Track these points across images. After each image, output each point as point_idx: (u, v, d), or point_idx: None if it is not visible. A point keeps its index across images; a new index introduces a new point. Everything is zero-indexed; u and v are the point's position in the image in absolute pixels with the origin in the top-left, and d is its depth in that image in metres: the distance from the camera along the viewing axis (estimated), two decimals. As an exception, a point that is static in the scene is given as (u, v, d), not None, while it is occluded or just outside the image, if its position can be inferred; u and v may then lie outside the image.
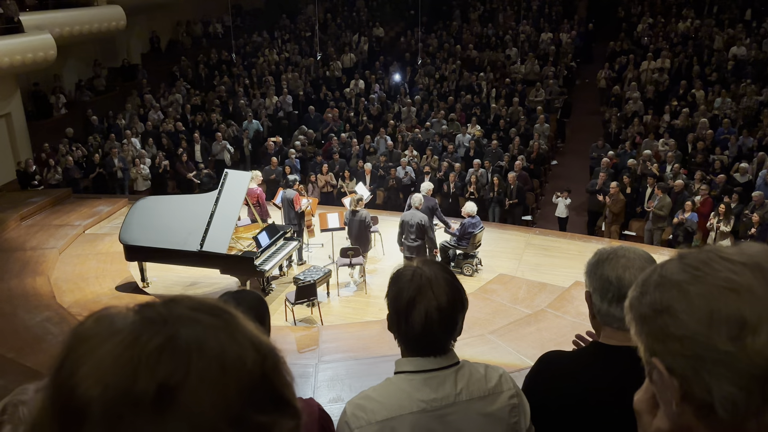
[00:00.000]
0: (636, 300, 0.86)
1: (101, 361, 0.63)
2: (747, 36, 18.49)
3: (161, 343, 0.64)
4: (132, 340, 0.64)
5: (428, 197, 10.00)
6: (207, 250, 9.04)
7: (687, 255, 0.84)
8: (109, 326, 0.67)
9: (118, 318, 0.68)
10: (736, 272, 0.77)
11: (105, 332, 0.66)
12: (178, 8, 21.43)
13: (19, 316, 8.55)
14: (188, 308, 0.69)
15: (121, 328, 0.66)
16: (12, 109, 14.95)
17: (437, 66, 19.61)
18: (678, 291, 0.79)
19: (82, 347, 0.66)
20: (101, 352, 0.64)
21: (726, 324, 0.75)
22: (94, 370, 0.63)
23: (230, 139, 15.62)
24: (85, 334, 0.67)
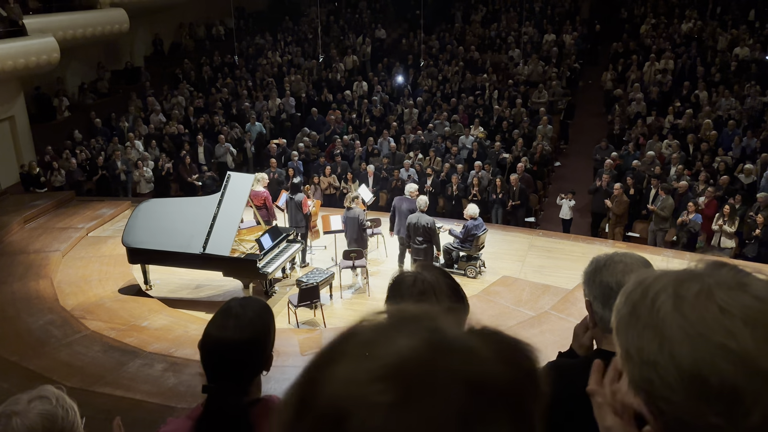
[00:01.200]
0: (622, 324, 0.79)
1: (351, 378, 0.61)
2: (750, 37, 18.44)
3: (388, 401, 0.58)
4: (382, 377, 0.59)
5: (411, 199, 9.98)
6: (210, 253, 9.04)
7: (683, 293, 0.75)
8: (388, 343, 0.63)
9: (404, 338, 0.63)
10: (734, 334, 0.69)
11: (381, 347, 0.62)
12: (180, 11, 21.47)
13: (22, 319, 8.56)
14: (457, 370, 0.60)
15: (390, 352, 0.61)
16: (15, 112, 14.99)
17: (440, 68, 19.60)
18: (668, 349, 0.72)
19: (348, 357, 0.63)
20: (359, 368, 0.61)
21: (718, 397, 0.69)
22: (340, 382, 0.61)
23: (233, 141, 15.62)
24: (365, 338, 0.64)
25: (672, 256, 10.32)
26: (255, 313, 1.77)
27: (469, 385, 0.60)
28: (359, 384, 0.60)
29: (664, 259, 10.00)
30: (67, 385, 1.84)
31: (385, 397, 0.58)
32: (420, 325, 0.65)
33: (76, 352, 7.72)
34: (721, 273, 0.77)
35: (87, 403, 1.85)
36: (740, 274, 0.76)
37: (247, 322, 1.74)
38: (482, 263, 10.36)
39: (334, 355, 0.64)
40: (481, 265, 10.31)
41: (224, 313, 1.78)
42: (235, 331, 1.72)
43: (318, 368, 0.64)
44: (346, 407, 0.59)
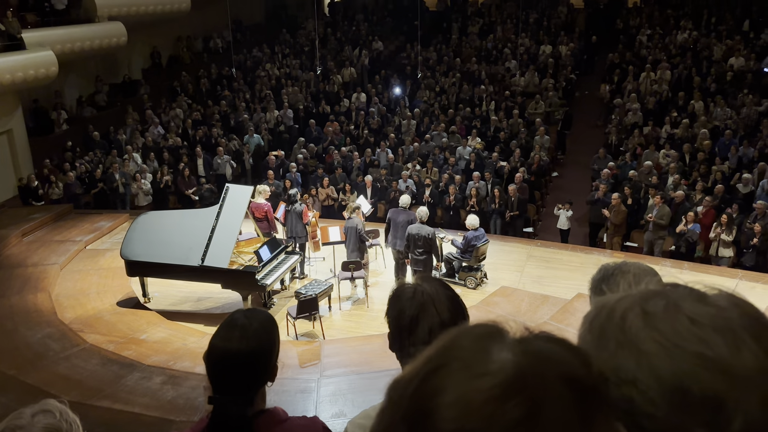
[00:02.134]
0: (591, 349, 0.78)
1: (469, 398, 0.61)
2: (745, 47, 18.56)
3: (520, 417, 0.60)
4: (501, 396, 0.61)
5: (408, 211, 10.01)
6: (208, 265, 9.03)
7: (651, 310, 0.75)
8: (485, 357, 0.65)
9: (497, 345, 0.66)
10: (707, 343, 0.70)
11: (479, 364, 0.64)
12: (178, 24, 21.55)
13: (20, 332, 8.53)
14: (560, 377, 0.64)
15: (495, 367, 0.63)
16: (13, 126, 15.01)
17: (437, 79, 19.69)
18: (646, 364, 0.72)
19: (457, 369, 0.64)
20: (471, 387, 0.62)
21: (701, 407, 0.69)
22: (457, 406, 0.62)
23: (231, 153, 15.65)
24: (461, 355, 0.66)
25: (671, 266, 10.34)
26: (260, 325, 1.79)
27: (572, 387, 0.63)
28: (482, 404, 0.61)
29: (662, 269, 10.02)
30: (66, 399, 1.84)
31: (516, 413, 0.60)
32: (502, 336, 0.68)
33: (74, 365, 7.69)
34: (680, 289, 0.78)
35: (85, 417, 1.85)
36: (696, 290, 0.78)
37: (252, 333, 1.75)
38: (484, 275, 10.34)
39: (436, 376, 0.65)
40: (482, 276, 10.30)
41: (229, 325, 1.79)
42: (241, 343, 1.73)
43: (424, 394, 0.64)
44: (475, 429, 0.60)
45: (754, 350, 0.70)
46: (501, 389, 0.61)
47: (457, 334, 0.70)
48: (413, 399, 0.65)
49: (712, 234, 10.86)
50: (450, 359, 0.66)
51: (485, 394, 0.61)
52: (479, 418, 0.60)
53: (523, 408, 0.60)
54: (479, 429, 0.60)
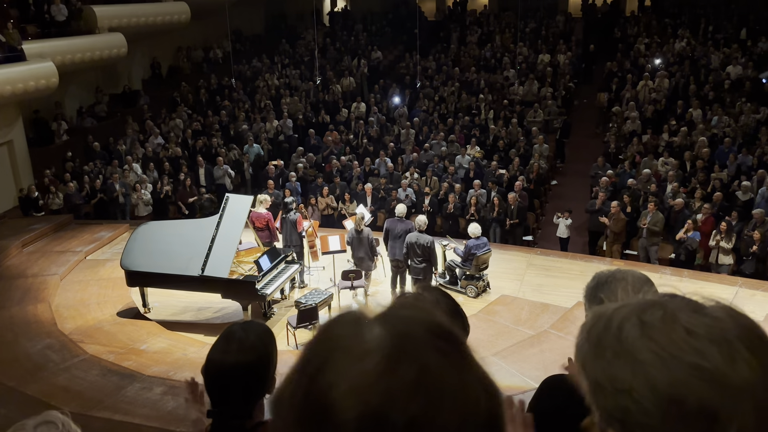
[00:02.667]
0: (588, 357, 0.79)
1: (360, 382, 0.65)
2: (742, 55, 18.64)
3: (416, 377, 0.65)
4: (389, 367, 0.65)
5: (405, 220, 10.01)
6: (208, 275, 9.03)
7: (648, 320, 0.76)
8: (360, 340, 0.68)
9: (365, 328, 0.70)
10: (703, 354, 0.71)
11: (358, 347, 0.68)
12: (178, 35, 21.64)
13: (20, 343, 8.52)
14: (429, 331, 0.70)
15: (373, 346, 0.67)
16: (14, 136, 15.04)
17: (436, 88, 19.76)
18: (642, 374, 0.73)
19: (338, 359, 0.67)
20: (359, 372, 0.65)
21: (696, 418, 0.69)
22: (354, 391, 0.64)
23: (231, 163, 15.68)
24: (339, 343, 0.69)
25: (671, 274, 10.34)
26: (257, 337, 1.79)
27: (439, 335, 0.70)
28: (376, 381, 0.65)
29: (662, 277, 10.02)
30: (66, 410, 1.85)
31: (410, 376, 0.65)
32: (365, 317, 0.72)
33: (74, 376, 7.68)
34: (677, 300, 0.79)
35: (86, 428, 1.86)
36: (693, 300, 0.79)
37: (250, 345, 1.76)
38: (486, 284, 10.30)
39: (322, 373, 0.68)
40: (484, 285, 10.26)
41: (226, 338, 1.79)
42: (238, 355, 1.74)
43: (316, 395, 0.67)
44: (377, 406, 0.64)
45: (749, 361, 0.71)
46: (387, 361, 0.65)
47: (325, 330, 0.73)
48: (306, 403, 0.67)
49: (712, 242, 10.87)
50: (329, 354, 0.68)
51: (374, 371, 0.65)
52: (378, 395, 0.64)
53: (413, 369, 0.65)
54: (381, 404, 0.63)
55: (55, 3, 16.34)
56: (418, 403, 0.63)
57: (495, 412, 0.69)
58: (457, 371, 0.67)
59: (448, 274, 10.55)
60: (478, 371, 0.71)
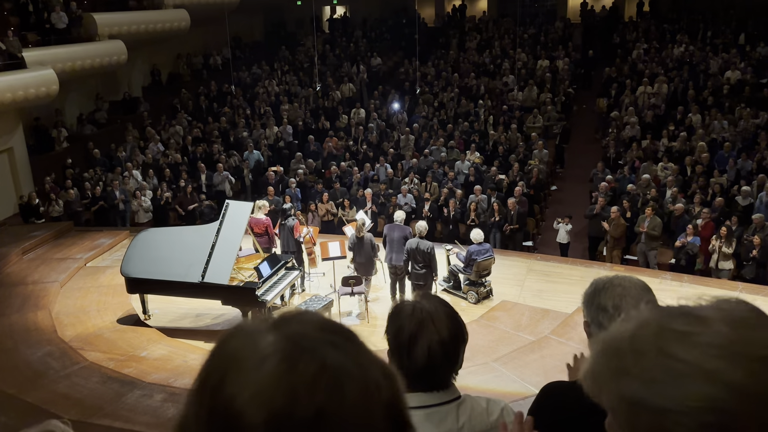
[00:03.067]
0: (609, 376, 0.79)
1: (262, 387, 0.67)
2: (741, 60, 18.68)
3: (316, 370, 0.67)
4: (288, 367, 0.68)
5: (403, 226, 10.04)
6: (208, 282, 9.03)
7: (670, 339, 0.76)
8: (255, 347, 0.70)
9: (259, 336, 0.72)
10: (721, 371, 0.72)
11: (254, 354, 0.70)
12: (178, 42, 21.70)
13: (20, 351, 8.51)
14: (322, 330, 0.73)
15: (269, 351, 0.69)
16: (14, 144, 15.07)
17: (435, 94, 19.80)
18: (673, 389, 0.73)
19: (237, 369, 0.69)
20: (259, 377, 0.67)
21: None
22: (258, 395, 0.66)
23: (231, 169, 15.70)
24: (235, 354, 0.71)
25: (671, 279, 10.34)
26: None
27: (327, 329, 0.74)
28: (278, 383, 0.67)
29: (663, 282, 10.02)
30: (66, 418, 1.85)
31: (311, 370, 0.68)
32: (256, 328, 0.75)
33: (74, 383, 7.67)
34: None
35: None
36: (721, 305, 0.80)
37: None
38: (488, 290, 10.25)
39: (222, 388, 0.70)
40: (486, 291, 10.20)
41: None
42: None
43: (221, 408, 0.69)
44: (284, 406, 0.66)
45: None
46: (285, 362, 0.68)
47: (219, 346, 0.74)
48: (213, 420, 0.68)
49: (712, 246, 10.87)
50: (227, 367, 0.70)
51: (274, 373, 0.67)
52: (283, 395, 0.66)
53: (312, 364, 0.68)
54: (287, 404, 0.65)
55: (56, 11, 16.39)
56: (322, 395, 0.66)
57: (395, 393, 0.73)
58: (353, 360, 0.70)
59: (451, 278, 10.54)
60: (374, 358, 0.74)
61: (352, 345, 0.73)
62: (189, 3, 20.23)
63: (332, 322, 0.76)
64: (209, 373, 0.72)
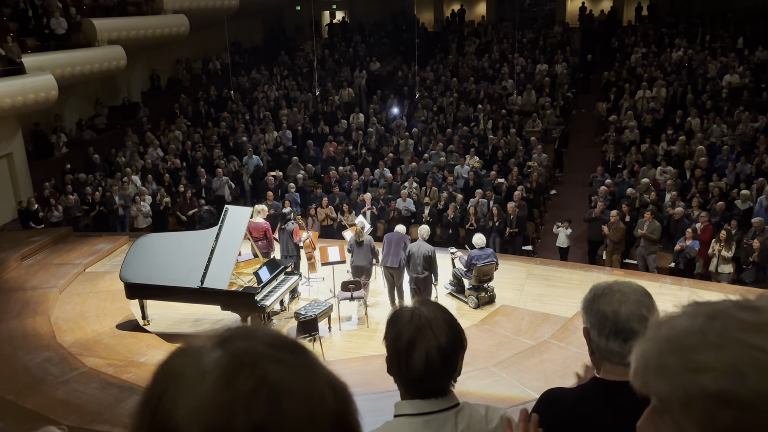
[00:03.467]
0: (685, 372, 0.77)
1: (199, 402, 0.66)
2: (740, 64, 18.71)
3: (254, 386, 0.67)
4: (227, 382, 0.67)
5: (401, 233, 10.07)
6: (208, 287, 9.02)
7: (753, 331, 0.76)
8: (198, 364, 0.70)
9: (204, 353, 0.72)
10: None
11: (196, 370, 0.69)
12: (177, 47, 21.72)
13: (19, 357, 8.49)
14: (268, 345, 0.72)
15: (210, 366, 0.69)
16: (13, 149, 15.05)
17: (434, 99, 19.82)
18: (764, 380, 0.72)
19: (177, 386, 0.69)
20: (197, 393, 0.67)
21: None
22: (194, 411, 0.66)
23: (230, 174, 15.70)
24: (177, 372, 0.71)
25: (671, 283, 10.33)
26: None
27: (276, 345, 0.74)
28: (216, 396, 0.67)
29: (662, 286, 10.01)
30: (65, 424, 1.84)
31: (249, 385, 0.68)
32: (200, 345, 0.75)
33: (73, 389, 7.65)
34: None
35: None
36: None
37: None
38: (490, 296, 10.17)
39: (160, 404, 0.70)
40: (487, 297, 10.12)
41: None
42: None
43: (160, 424, 0.69)
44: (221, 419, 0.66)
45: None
46: (225, 376, 0.68)
47: (162, 364, 0.74)
48: (153, 426, 0.69)
49: (711, 250, 10.87)
50: (168, 384, 0.70)
51: (214, 387, 0.67)
52: (219, 408, 0.66)
53: (251, 379, 0.67)
54: (224, 420, 0.65)
55: (55, 16, 16.40)
56: (260, 411, 0.66)
57: (345, 408, 0.73)
58: (298, 375, 0.70)
59: (456, 282, 10.52)
60: (323, 372, 0.74)
61: (297, 359, 0.72)
62: (188, 8, 20.26)
63: (282, 337, 0.75)
64: (151, 390, 0.72)
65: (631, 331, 1.68)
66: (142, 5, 19.50)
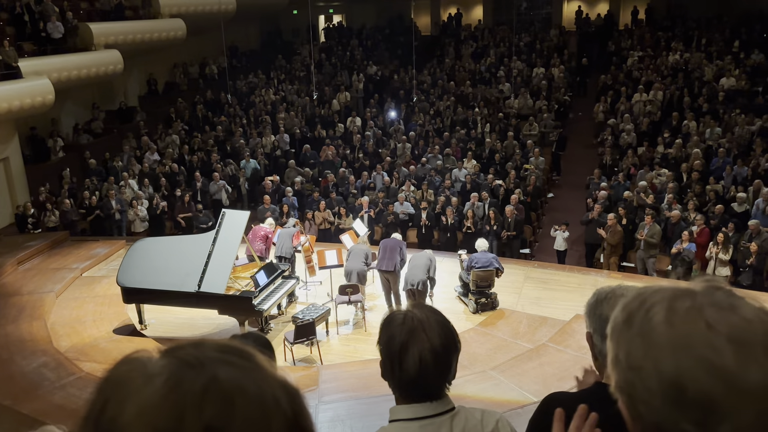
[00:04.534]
0: (616, 330, 0.85)
1: (146, 404, 0.65)
2: (736, 67, 18.77)
3: (204, 385, 0.66)
4: (175, 383, 0.66)
5: (397, 240, 10.04)
6: (205, 291, 8.99)
7: (675, 307, 0.80)
8: (143, 369, 0.69)
9: (150, 361, 0.70)
10: (716, 350, 0.74)
11: (141, 376, 0.68)
12: (174, 51, 21.73)
13: (15, 362, 8.45)
14: (217, 351, 0.71)
15: (157, 371, 0.68)
16: (10, 154, 15.03)
17: (432, 102, 19.84)
18: (653, 356, 0.77)
19: (121, 391, 0.67)
20: (144, 395, 0.66)
21: (693, 406, 0.73)
22: (141, 414, 0.64)
23: (228, 178, 15.69)
24: (121, 378, 0.69)
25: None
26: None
27: (224, 350, 0.73)
28: (163, 398, 0.66)
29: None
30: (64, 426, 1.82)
31: (197, 385, 0.67)
32: (146, 355, 0.74)
33: (70, 394, 7.62)
34: (715, 295, 0.81)
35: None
36: (733, 297, 0.81)
37: None
38: (491, 301, 10.00)
39: (105, 411, 0.68)
40: (484, 302, 9.95)
41: None
42: None
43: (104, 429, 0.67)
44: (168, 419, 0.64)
45: (765, 367, 0.73)
46: (173, 378, 0.66)
47: (107, 373, 0.73)
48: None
49: (709, 253, 10.88)
50: (112, 391, 0.69)
51: (159, 391, 0.65)
52: (166, 412, 0.64)
53: (199, 380, 0.66)
54: (173, 422, 0.64)
55: (52, 21, 16.40)
56: (211, 411, 0.64)
57: (299, 411, 0.72)
58: (248, 376, 0.69)
59: (462, 285, 10.46)
60: (273, 375, 0.73)
61: (248, 362, 0.72)
62: (185, 12, 20.27)
63: (232, 344, 0.74)
64: (95, 399, 0.70)
65: None
66: (139, 9, 19.52)
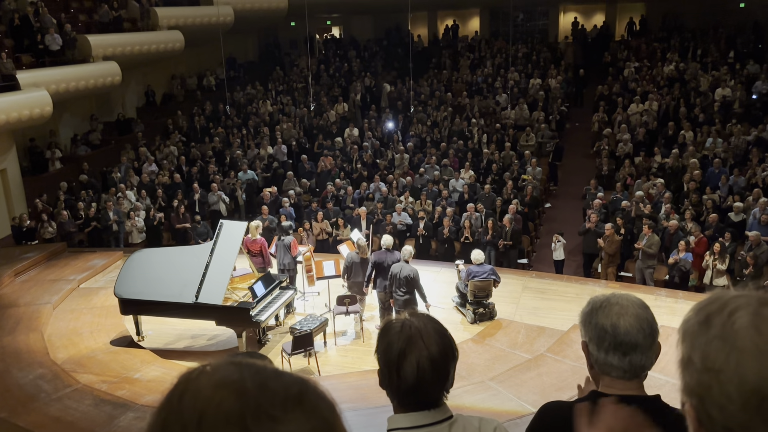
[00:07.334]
0: (690, 332, 0.82)
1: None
2: (732, 77, 18.87)
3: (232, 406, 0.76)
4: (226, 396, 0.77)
5: (393, 252, 9.70)
6: (202, 302, 8.98)
7: (764, 315, 0.78)
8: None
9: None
10: None
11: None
12: (172, 62, 21.81)
13: (12, 374, 8.41)
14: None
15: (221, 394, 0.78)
16: (7, 165, 15.04)
17: (429, 113, 19.90)
18: (736, 360, 0.76)
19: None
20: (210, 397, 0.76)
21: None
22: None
23: (225, 189, 15.70)
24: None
25: (666, 295, 10.34)
26: None
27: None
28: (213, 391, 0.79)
29: (657, 298, 10.02)
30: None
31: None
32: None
33: (66, 406, 7.58)
34: None
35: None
36: None
37: None
38: (489, 312, 9.95)
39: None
40: (484, 312, 9.91)
41: None
42: None
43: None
44: None
45: None
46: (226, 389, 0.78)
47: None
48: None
49: (706, 263, 10.90)
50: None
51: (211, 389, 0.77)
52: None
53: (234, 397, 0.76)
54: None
55: (50, 33, 16.46)
56: None
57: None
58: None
59: (460, 295, 10.41)
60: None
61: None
62: (183, 24, 20.36)
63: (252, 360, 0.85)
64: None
65: (631, 345, 1.67)
66: (138, 21, 19.60)
